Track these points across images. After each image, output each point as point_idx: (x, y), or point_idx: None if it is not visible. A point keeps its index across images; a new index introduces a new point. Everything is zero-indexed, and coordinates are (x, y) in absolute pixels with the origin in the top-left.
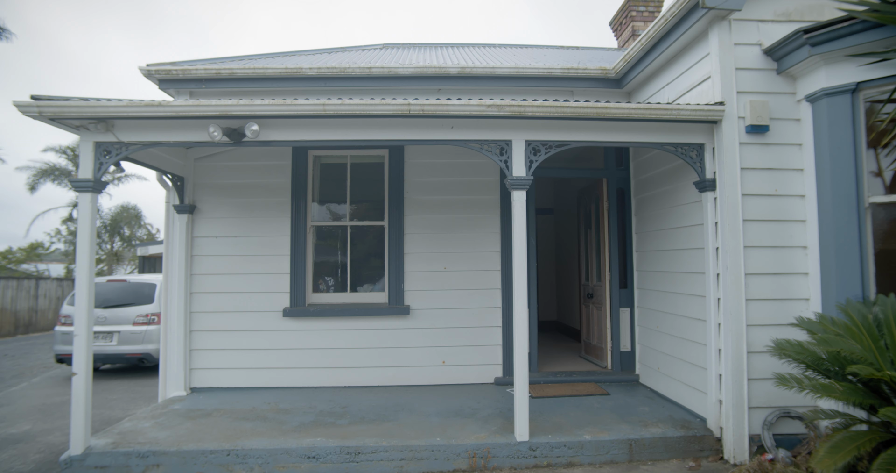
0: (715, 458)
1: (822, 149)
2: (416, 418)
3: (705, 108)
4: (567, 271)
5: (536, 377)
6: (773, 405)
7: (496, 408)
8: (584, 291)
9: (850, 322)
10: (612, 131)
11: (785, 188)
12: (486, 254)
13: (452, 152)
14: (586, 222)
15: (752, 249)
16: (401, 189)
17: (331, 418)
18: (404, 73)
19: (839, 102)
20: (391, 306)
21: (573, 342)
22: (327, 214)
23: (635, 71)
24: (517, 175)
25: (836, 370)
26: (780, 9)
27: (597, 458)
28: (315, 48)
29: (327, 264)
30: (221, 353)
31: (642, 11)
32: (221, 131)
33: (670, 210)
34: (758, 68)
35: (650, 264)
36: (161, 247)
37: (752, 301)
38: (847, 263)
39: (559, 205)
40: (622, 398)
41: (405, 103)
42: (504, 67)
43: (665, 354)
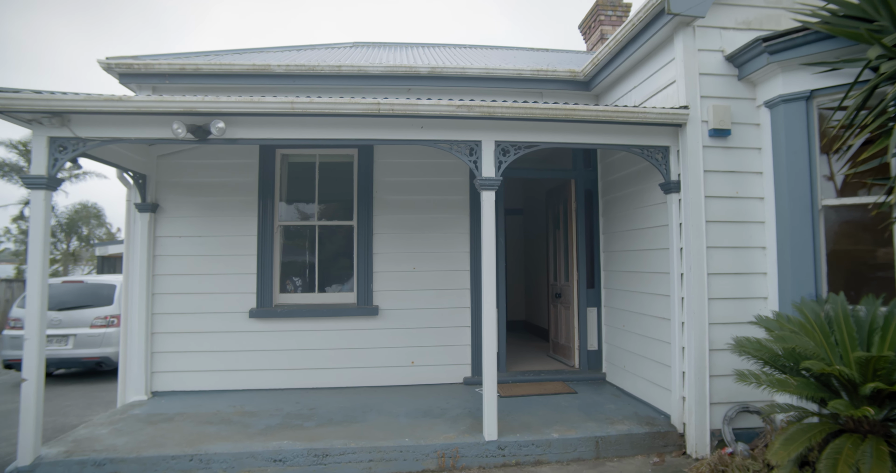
0: (678, 453)
1: (780, 153)
2: (384, 419)
3: (670, 111)
4: (536, 272)
5: (505, 376)
6: (733, 401)
7: (465, 408)
8: (552, 291)
9: (804, 320)
10: (581, 133)
11: (745, 191)
12: (456, 254)
13: (422, 152)
14: (555, 223)
15: (714, 249)
16: (370, 189)
17: (298, 420)
18: (374, 72)
19: (795, 109)
20: (360, 306)
21: (542, 341)
22: (295, 213)
23: (603, 74)
24: (486, 176)
25: (791, 365)
26: (741, 17)
27: (564, 456)
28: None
29: (295, 264)
30: (185, 355)
31: (610, 16)
32: (186, 128)
33: (636, 211)
34: (720, 74)
35: (617, 264)
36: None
37: (714, 300)
38: (802, 263)
39: (528, 206)
40: (589, 396)
41: (375, 103)
42: (474, 67)
43: (631, 352)
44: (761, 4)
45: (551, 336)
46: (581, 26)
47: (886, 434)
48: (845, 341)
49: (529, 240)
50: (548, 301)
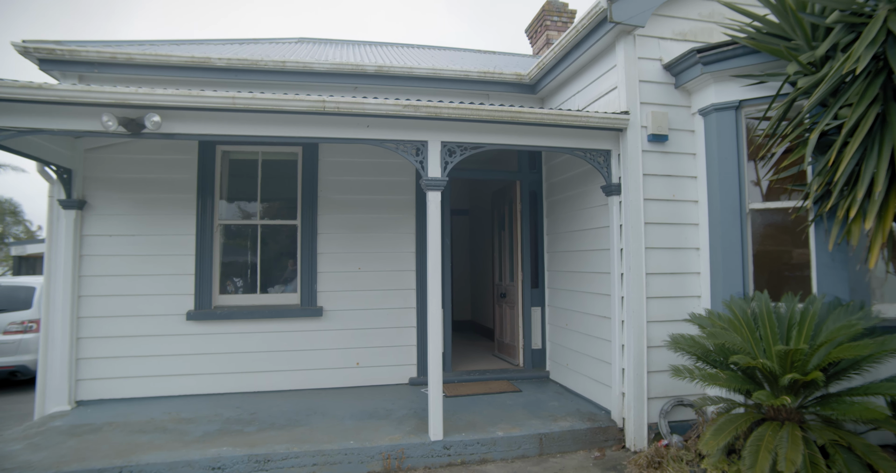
0: (618, 447)
1: (712, 159)
2: (329, 421)
3: (612, 116)
4: (482, 272)
5: (451, 376)
6: (669, 395)
7: (411, 409)
8: (497, 290)
9: (733, 317)
10: (526, 135)
11: (682, 194)
12: (402, 254)
13: (368, 152)
14: (500, 224)
15: (652, 250)
16: (315, 188)
17: (238, 425)
18: (320, 69)
19: (725, 118)
20: (304, 307)
21: (487, 340)
22: (237, 212)
23: (548, 78)
24: (432, 176)
25: (721, 360)
26: (678, 29)
27: (509, 453)
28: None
29: (236, 264)
30: (115, 361)
31: (556, 21)
32: (117, 121)
33: (579, 213)
34: (659, 82)
35: (560, 265)
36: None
37: (652, 299)
38: (731, 263)
39: (475, 206)
40: (533, 394)
41: (320, 100)
42: (422, 67)
43: (574, 350)
44: (696, 18)
45: (496, 336)
46: (528, 30)
47: (801, 420)
48: (768, 336)
49: (475, 240)
50: (493, 301)
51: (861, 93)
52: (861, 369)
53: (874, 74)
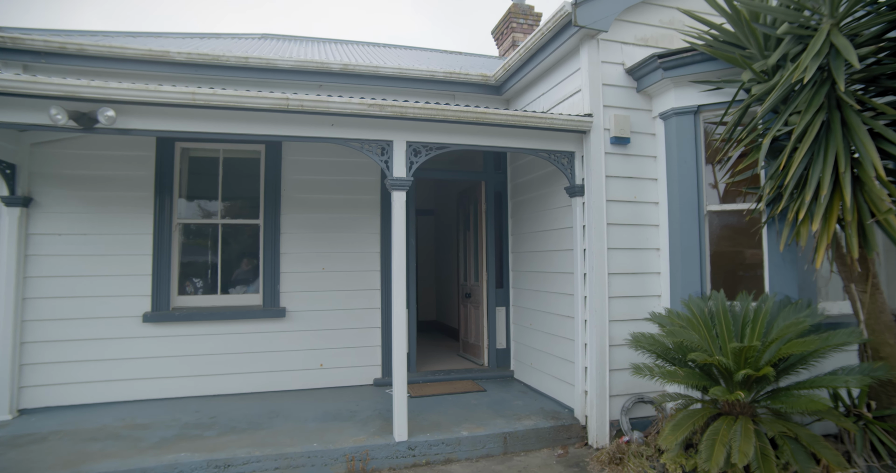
0: (581, 444)
1: (672, 162)
2: (292, 424)
3: (576, 118)
4: (447, 272)
5: (415, 376)
6: (631, 393)
7: (375, 410)
8: (462, 291)
9: (691, 316)
10: (491, 136)
11: (643, 195)
12: (366, 255)
13: (333, 151)
14: (465, 224)
15: (614, 250)
16: (278, 187)
17: (197, 430)
18: (284, 66)
19: (685, 122)
20: (266, 308)
21: (452, 341)
22: (197, 211)
23: (514, 79)
24: (397, 176)
25: (680, 357)
26: (640, 34)
27: (473, 453)
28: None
29: (196, 264)
30: (64, 366)
31: (522, 24)
32: (67, 115)
33: (543, 213)
34: (621, 85)
35: (525, 265)
36: None
37: (614, 299)
38: (690, 263)
39: (440, 206)
40: (498, 393)
41: (283, 98)
42: (388, 67)
43: (538, 350)
44: (657, 24)
45: (461, 336)
46: (494, 32)
47: (753, 413)
48: (724, 333)
49: (441, 241)
50: (458, 301)
51: (808, 101)
52: (808, 364)
53: (820, 84)
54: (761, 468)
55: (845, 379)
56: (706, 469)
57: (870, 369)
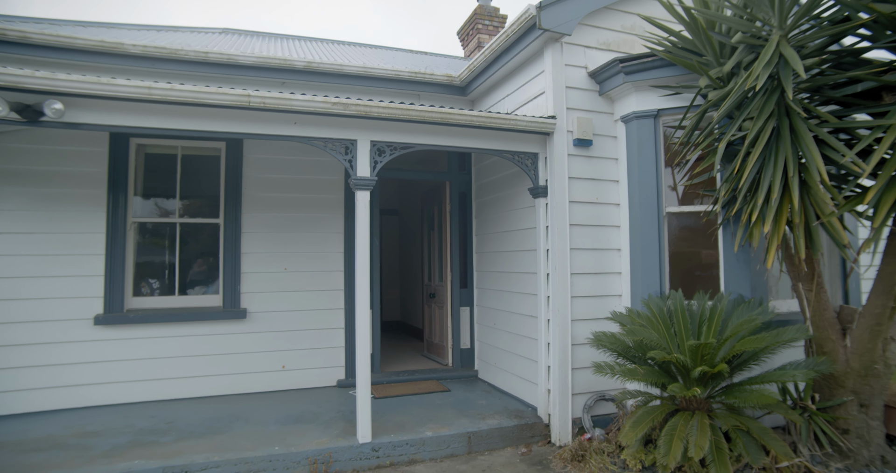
0: (544, 442)
1: (633, 164)
2: (252, 427)
3: (540, 120)
4: (411, 272)
5: (379, 377)
6: (592, 391)
7: (339, 411)
8: (426, 291)
9: (650, 315)
10: (456, 137)
11: (604, 197)
12: (330, 255)
13: (296, 149)
14: (430, 224)
15: (577, 251)
16: (239, 185)
17: (153, 436)
18: (246, 62)
19: (645, 125)
20: (226, 309)
21: (416, 341)
22: (154, 209)
23: (479, 80)
24: (361, 175)
25: (640, 355)
26: (602, 39)
27: (438, 453)
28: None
29: (153, 264)
30: (8, 373)
31: (487, 25)
32: (9, 107)
33: (507, 214)
34: (584, 88)
35: (489, 265)
36: None
37: (576, 298)
38: (650, 263)
39: (404, 206)
40: (462, 393)
41: (245, 94)
42: (352, 65)
43: (501, 349)
44: (619, 29)
45: (426, 336)
46: (459, 33)
47: (709, 408)
48: (682, 332)
49: (405, 241)
50: (422, 301)
51: (760, 108)
52: (759, 360)
53: (771, 92)
54: (716, 461)
55: (793, 374)
56: (664, 463)
57: (814, 363)
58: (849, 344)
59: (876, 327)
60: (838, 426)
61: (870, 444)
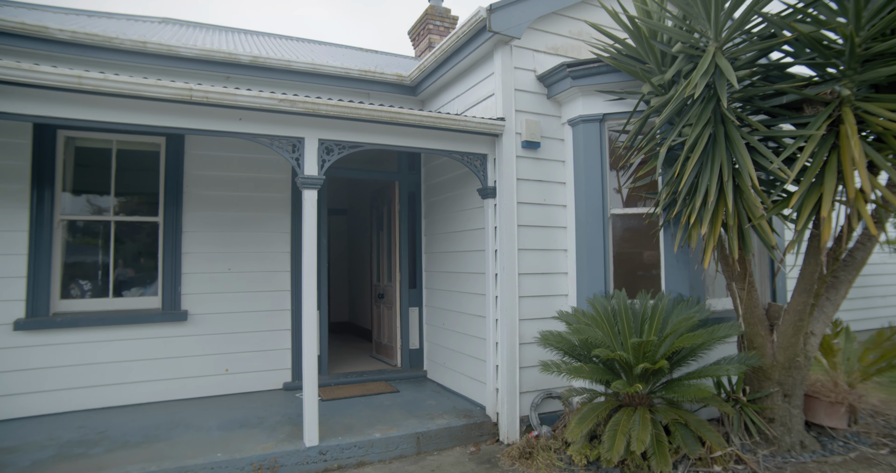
0: (492, 441)
1: (579, 166)
2: (193, 434)
3: (489, 122)
4: (360, 272)
5: (327, 379)
6: (540, 389)
7: (285, 415)
8: (375, 291)
9: (595, 314)
10: (406, 136)
11: (552, 198)
12: (276, 254)
13: (241, 146)
14: (379, 224)
15: (525, 251)
16: (179, 182)
17: (81, 448)
18: (188, 54)
19: (591, 129)
20: (165, 311)
21: (365, 342)
22: (85, 206)
23: (429, 81)
24: (309, 174)
25: (585, 354)
26: (551, 43)
27: (386, 454)
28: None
29: (85, 265)
30: None
31: (438, 26)
32: None
33: (456, 214)
34: (533, 92)
35: (438, 265)
36: None
37: (524, 298)
38: (595, 263)
39: (353, 206)
40: (411, 394)
41: (186, 88)
42: (300, 61)
43: (450, 349)
44: (566, 34)
45: (374, 337)
46: (410, 32)
47: (650, 404)
48: (625, 330)
49: (354, 241)
50: (371, 302)
51: (698, 115)
52: (697, 355)
53: (707, 100)
54: (656, 454)
55: (726, 368)
56: (608, 457)
57: (745, 358)
58: (775, 339)
59: (798, 322)
60: (765, 415)
61: (791, 431)
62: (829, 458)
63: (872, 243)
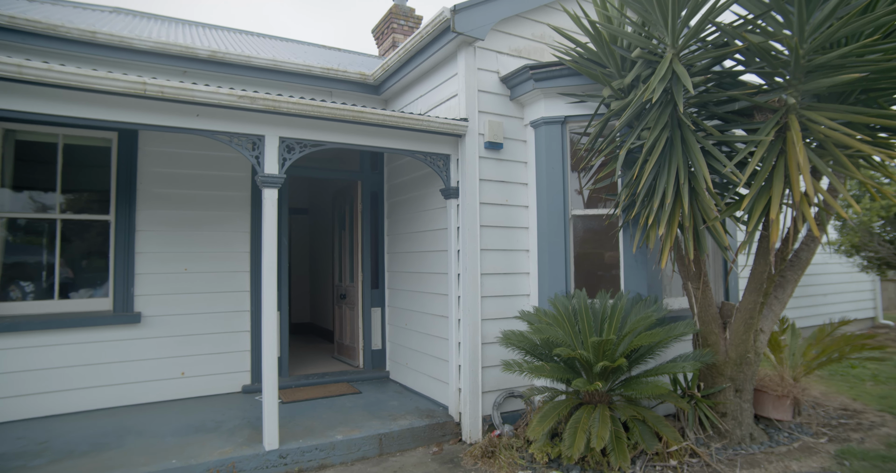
0: (455, 441)
1: (541, 168)
2: (146, 441)
3: (452, 122)
4: (322, 273)
5: (288, 381)
6: (502, 388)
7: (244, 418)
8: (337, 292)
9: (556, 313)
10: (368, 136)
11: (514, 199)
12: (235, 254)
13: (199, 143)
14: (341, 224)
15: (487, 251)
16: (133, 180)
17: (20, 460)
18: (142, 46)
19: (553, 131)
20: (117, 314)
21: (327, 343)
22: (28, 203)
23: (393, 80)
24: (269, 173)
25: (547, 353)
26: (514, 45)
27: (349, 456)
28: None
29: (27, 265)
30: None
31: (403, 25)
32: None
33: (419, 214)
34: (496, 93)
35: (400, 265)
36: None
37: (486, 298)
38: (556, 263)
39: (315, 205)
40: (373, 395)
41: (140, 81)
42: (261, 58)
43: (413, 350)
44: (529, 37)
45: (336, 338)
46: (374, 31)
47: (610, 401)
48: (586, 329)
49: (315, 240)
50: (333, 302)
51: (656, 119)
52: (654, 353)
53: (665, 105)
54: (615, 450)
55: (682, 365)
56: (569, 455)
57: (700, 355)
58: (728, 337)
59: (749, 320)
60: (718, 410)
61: (742, 424)
62: (775, 449)
63: (816, 244)
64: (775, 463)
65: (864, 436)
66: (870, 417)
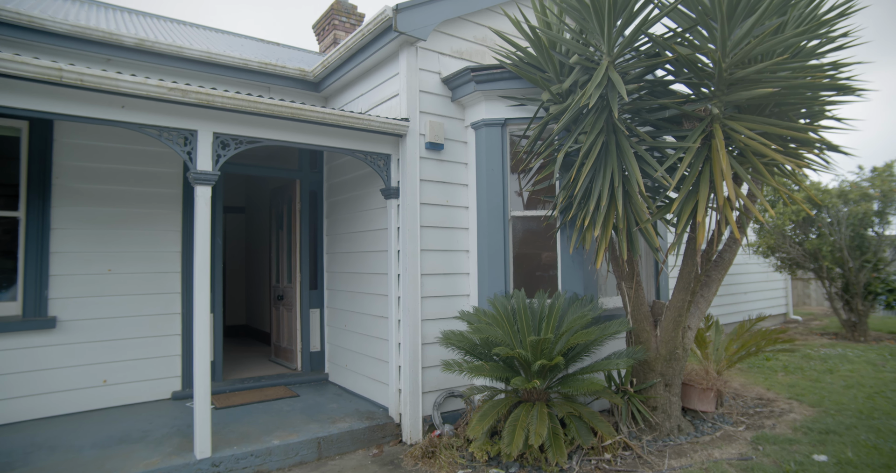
0: (395, 442)
1: (481, 169)
2: (61, 456)
3: (393, 122)
4: (258, 273)
5: (222, 385)
6: (442, 388)
7: (173, 426)
8: (274, 293)
9: (496, 313)
10: (307, 133)
11: (455, 200)
12: (165, 254)
13: (125, 136)
14: (278, 223)
15: (427, 252)
16: (47, 174)
17: None
18: (58, 29)
19: (493, 133)
20: (28, 318)
21: (264, 345)
22: None
23: (333, 77)
24: (202, 169)
25: (486, 352)
26: (456, 47)
27: (286, 462)
28: None
29: None
30: None
31: (344, 22)
32: None
33: (359, 214)
34: (437, 94)
35: (340, 266)
36: None
37: (426, 298)
38: (496, 264)
39: (251, 204)
40: (312, 398)
41: (56, 67)
42: (194, 49)
43: (352, 351)
44: (471, 39)
45: (273, 340)
46: (315, 27)
47: (548, 399)
48: (524, 328)
49: (252, 240)
50: (270, 304)
51: (592, 124)
52: (590, 351)
53: (601, 110)
54: (553, 446)
55: (616, 362)
56: (508, 452)
57: (633, 352)
58: (659, 334)
59: (678, 318)
60: (649, 404)
61: (671, 417)
62: (700, 438)
63: (737, 245)
64: (700, 452)
65: (776, 422)
66: (780, 404)
